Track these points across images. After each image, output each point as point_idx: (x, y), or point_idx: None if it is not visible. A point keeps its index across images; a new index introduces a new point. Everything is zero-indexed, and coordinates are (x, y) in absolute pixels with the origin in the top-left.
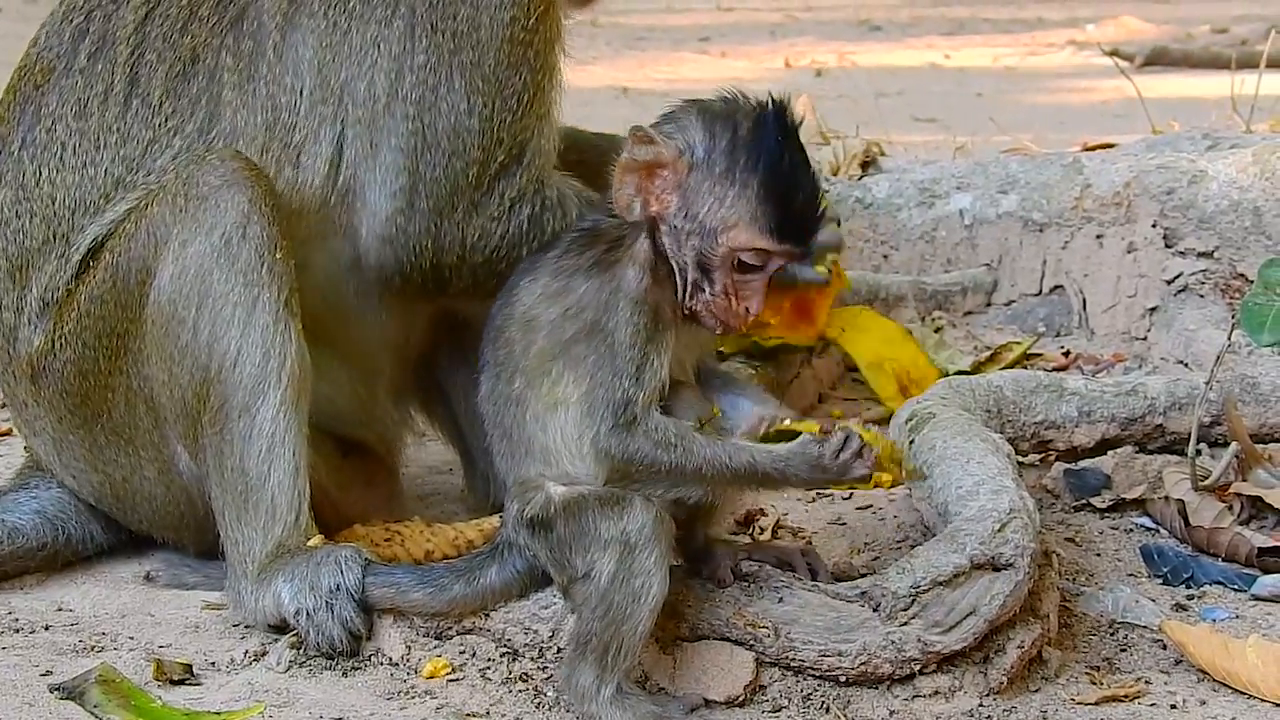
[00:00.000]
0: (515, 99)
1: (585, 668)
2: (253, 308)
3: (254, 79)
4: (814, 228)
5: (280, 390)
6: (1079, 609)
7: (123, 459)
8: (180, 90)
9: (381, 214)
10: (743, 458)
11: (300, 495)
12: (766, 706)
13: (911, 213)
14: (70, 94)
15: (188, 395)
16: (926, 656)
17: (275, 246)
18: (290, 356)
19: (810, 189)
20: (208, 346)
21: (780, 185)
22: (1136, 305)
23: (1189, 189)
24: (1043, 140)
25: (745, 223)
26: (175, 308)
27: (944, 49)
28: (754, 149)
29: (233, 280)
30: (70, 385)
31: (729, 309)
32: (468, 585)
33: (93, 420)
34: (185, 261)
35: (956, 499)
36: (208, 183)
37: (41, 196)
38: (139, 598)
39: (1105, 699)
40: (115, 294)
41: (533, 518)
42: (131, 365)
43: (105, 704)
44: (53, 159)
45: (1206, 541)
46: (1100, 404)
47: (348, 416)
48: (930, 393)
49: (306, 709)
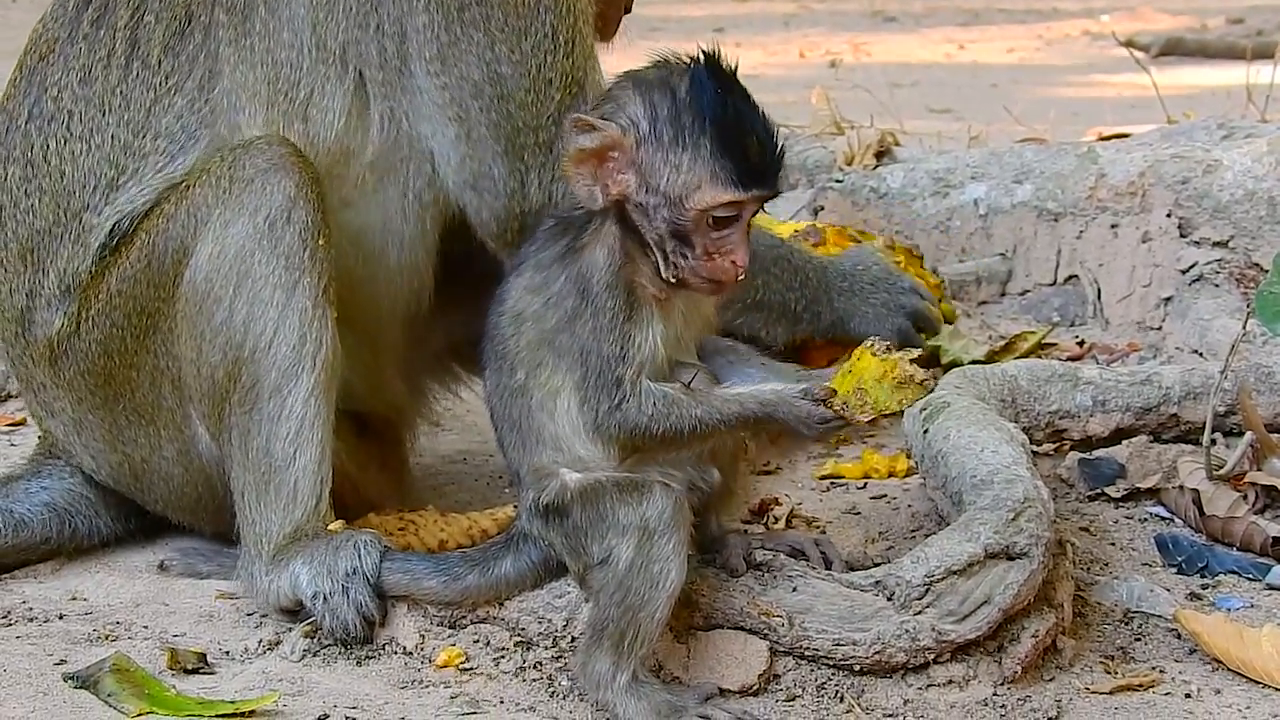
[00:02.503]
0: (548, 40)
1: (601, 655)
2: (293, 291)
3: (249, 34)
4: (777, 166)
5: (313, 375)
6: (1093, 598)
7: (143, 439)
8: (177, 48)
9: (453, 160)
10: (732, 408)
11: (323, 482)
12: (781, 696)
13: (926, 202)
14: (75, 61)
15: (218, 374)
16: (940, 646)
17: (319, 233)
18: (326, 343)
19: (762, 129)
20: (243, 326)
21: (731, 135)
22: (1151, 295)
23: (1204, 178)
24: (1057, 131)
25: (708, 182)
26: (212, 286)
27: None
28: (695, 108)
29: (274, 263)
30: (94, 365)
31: (716, 267)
32: (482, 575)
33: (114, 400)
34: (226, 242)
35: (971, 488)
36: (254, 165)
37: (50, 172)
38: (153, 587)
39: (1120, 688)
40: (149, 273)
41: (548, 505)
42: (160, 344)
43: (119, 693)
44: (59, 129)
45: (1221, 531)
46: (1115, 393)
47: (355, 388)
48: (945, 382)
49: (320, 698)
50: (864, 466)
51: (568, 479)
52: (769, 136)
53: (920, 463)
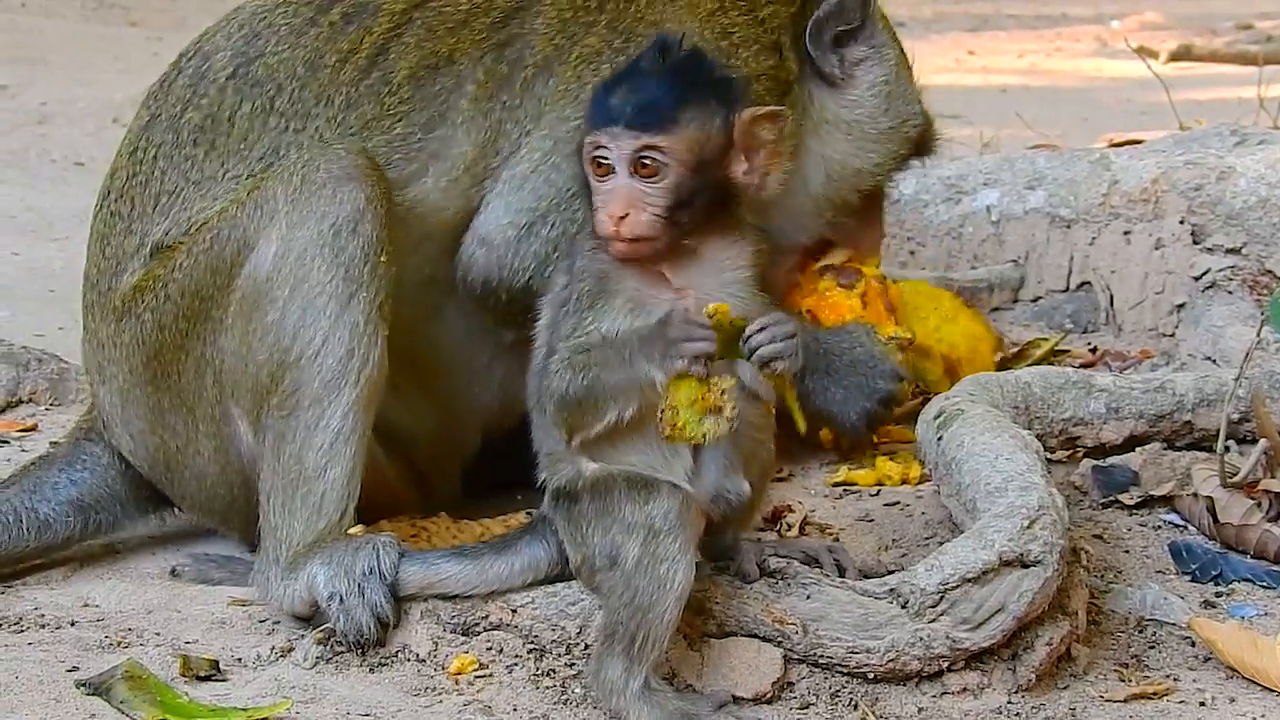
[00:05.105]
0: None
1: (613, 661)
2: (348, 303)
3: (493, 99)
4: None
5: (356, 390)
6: (1107, 606)
7: (181, 427)
8: (424, 80)
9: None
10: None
11: (349, 497)
12: (794, 703)
13: (938, 209)
14: (308, 42)
15: (260, 374)
16: (955, 653)
17: (382, 249)
18: (373, 360)
19: (635, 79)
20: (293, 330)
21: (610, 82)
22: (1164, 302)
23: (1217, 185)
24: (1067, 136)
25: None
26: (270, 285)
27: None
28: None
29: (334, 272)
30: (148, 336)
31: (598, 223)
32: (504, 560)
33: (161, 379)
34: (290, 243)
35: (985, 495)
36: (329, 171)
37: (232, 133)
38: (165, 593)
39: (1134, 696)
40: (210, 258)
41: (558, 489)
42: (209, 333)
43: (132, 700)
44: (262, 97)
45: (1235, 538)
46: (1129, 401)
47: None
48: (958, 389)
49: (333, 705)
50: (877, 473)
51: (584, 467)
52: (636, 84)
53: (934, 469)
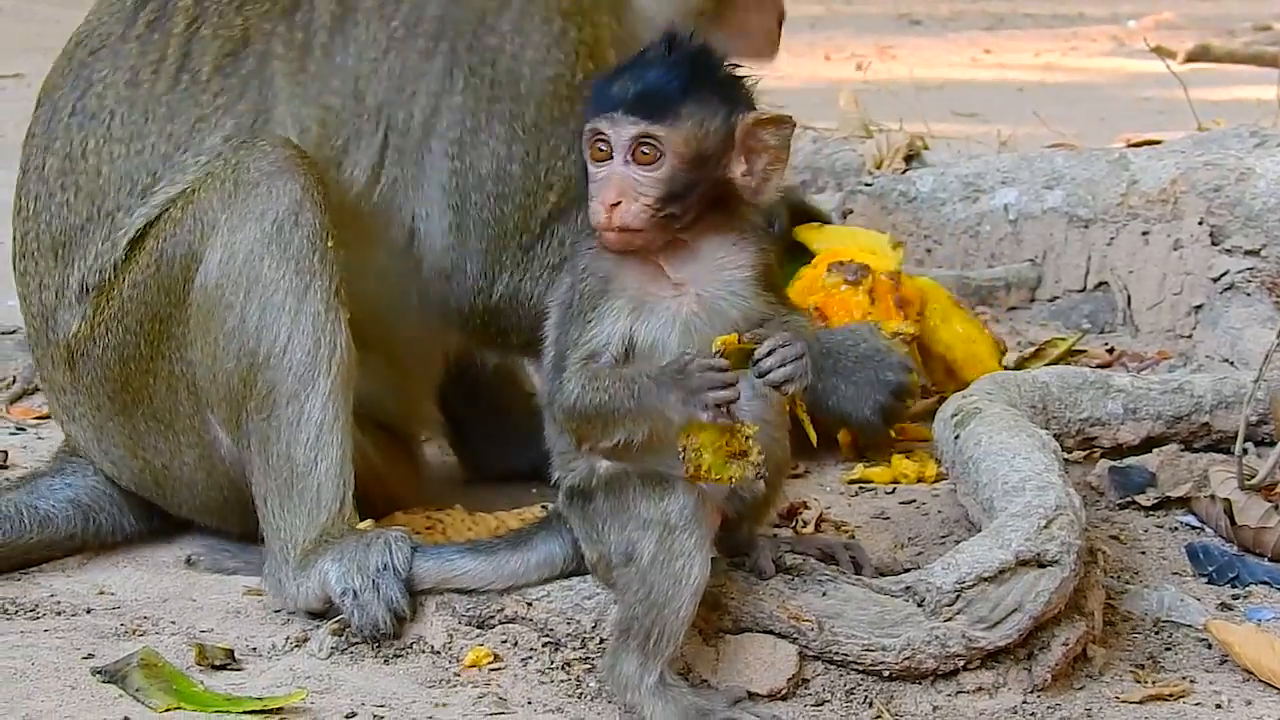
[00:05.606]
0: (565, 147)
1: (628, 656)
2: (304, 295)
3: (304, 71)
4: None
5: (330, 379)
6: (1124, 607)
7: (163, 445)
8: (229, 69)
9: (436, 247)
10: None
11: (345, 484)
12: (809, 700)
13: (956, 207)
14: (125, 61)
15: (233, 381)
16: (971, 652)
17: (327, 235)
18: (340, 346)
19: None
20: (256, 332)
21: (612, 71)
22: (1182, 303)
23: (1236, 186)
24: (1084, 136)
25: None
26: (223, 293)
27: (984, 44)
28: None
29: (284, 267)
30: (110, 372)
31: (591, 212)
32: (519, 555)
33: (133, 407)
34: (234, 247)
35: (1002, 494)
36: (259, 169)
37: (88, 170)
38: (180, 582)
39: (1150, 698)
40: (159, 279)
41: (572, 487)
42: (174, 350)
43: (147, 688)
44: (100, 128)
45: (1252, 541)
46: (1146, 401)
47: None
48: (976, 388)
49: (348, 695)
50: (893, 471)
51: (598, 465)
52: (648, 72)
53: (951, 468)
